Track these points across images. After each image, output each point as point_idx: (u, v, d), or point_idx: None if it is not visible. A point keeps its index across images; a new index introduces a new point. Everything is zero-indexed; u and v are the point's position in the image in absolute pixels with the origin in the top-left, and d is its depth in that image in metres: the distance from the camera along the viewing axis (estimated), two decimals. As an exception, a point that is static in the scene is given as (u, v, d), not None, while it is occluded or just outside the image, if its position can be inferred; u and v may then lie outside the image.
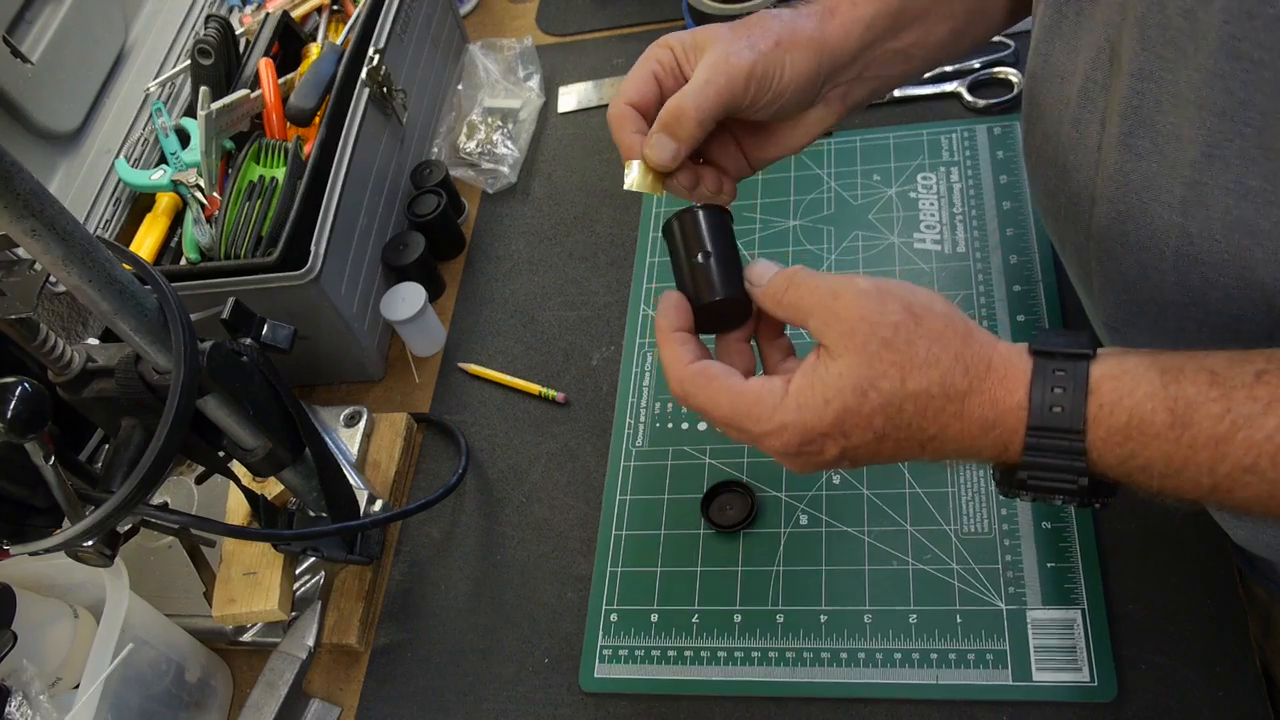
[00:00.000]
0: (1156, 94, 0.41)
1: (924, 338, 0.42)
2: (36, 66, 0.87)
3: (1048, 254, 0.76)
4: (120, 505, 0.52)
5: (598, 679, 0.66)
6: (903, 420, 0.42)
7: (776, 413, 0.44)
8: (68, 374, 0.54)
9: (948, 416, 0.42)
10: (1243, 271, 0.41)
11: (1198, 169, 0.40)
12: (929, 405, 0.42)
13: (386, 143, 0.89)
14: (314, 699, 0.71)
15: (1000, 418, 0.41)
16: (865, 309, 0.43)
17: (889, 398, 0.42)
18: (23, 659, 0.63)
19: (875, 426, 0.42)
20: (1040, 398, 0.40)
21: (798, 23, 0.51)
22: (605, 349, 0.83)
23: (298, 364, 0.84)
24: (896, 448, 0.43)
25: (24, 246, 0.46)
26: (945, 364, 0.42)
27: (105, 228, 0.85)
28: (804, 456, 0.44)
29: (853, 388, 0.42)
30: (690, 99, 0.48)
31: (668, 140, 0.49)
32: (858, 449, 0.43)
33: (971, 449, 0.42)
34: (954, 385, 0.41)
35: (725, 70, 0.48)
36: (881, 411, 0.42)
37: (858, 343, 0.42)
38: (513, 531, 0.75)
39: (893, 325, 0.42)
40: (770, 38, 0.50)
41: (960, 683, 0.60)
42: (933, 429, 0.42)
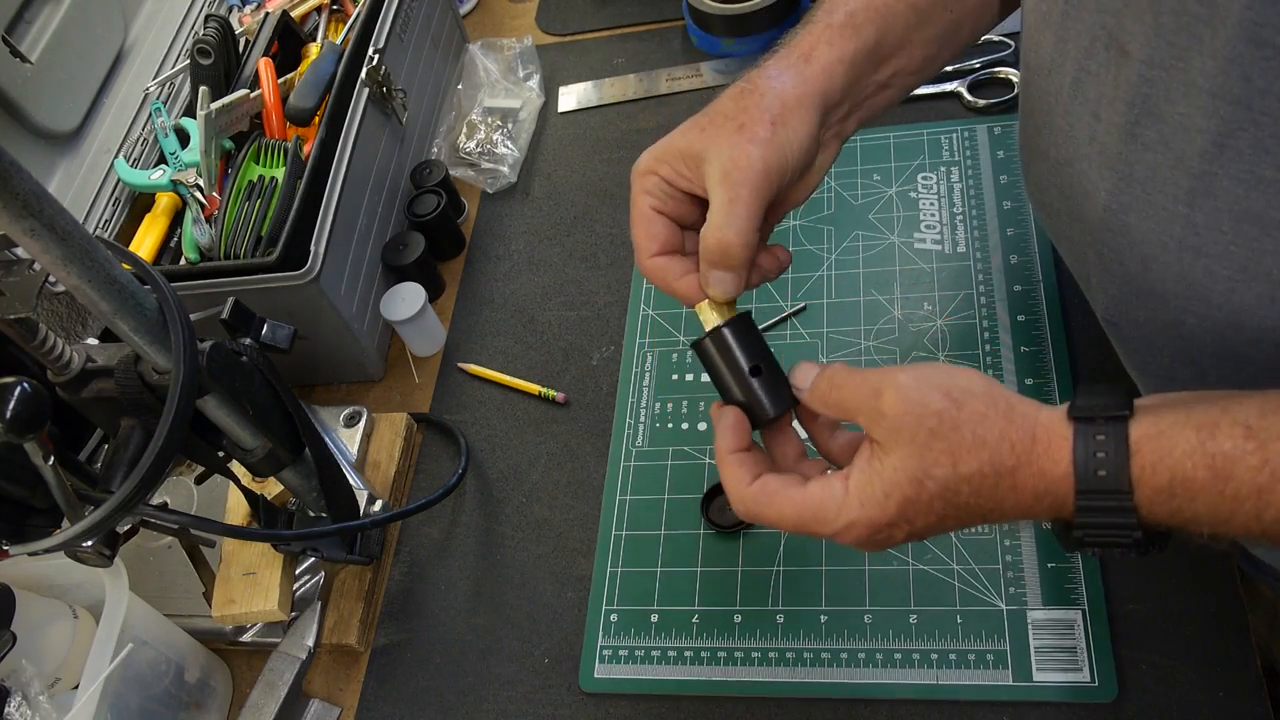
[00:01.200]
0: (1167, 82, 0.40)
1: (968, 422, 0.43)
2: (36, 66, 0.87)
3: (1048, 254, 0.76)
4: (120, 505, 0.52)
5: (598, 679, 0.66)
6: (960, 501, 0.44)
7: (842, 513, 0.45)
8: (67, 374, 0.54)
9: (1002, 492, 0.43)
10: (1248, 264, 0.41)
11: (1207, 159, 0.40)
12: (983, 484, 0.43)
13: (386, 143, 0.89)
14: (314, 699, 0.71)
15: (1050, 487, 0.42)
16: (908, 403, 0.44)
17: (944, 484, 0.43)
18: (22, 659, 0.63)
19: (936, 510, 0.44)
20: (1085, 465, 0.41)
21: (781, 86, 0.50)
22: (605, 349, 0.83)
23: (298, 364, 0.84)
24: (959, 523, 0.45)
25: (23, 246, 0.46)
26: (992, 444, 0.43)
27: (105, 228, 0.85)
28: (874, 544, 0.46)
29: (909, 479, 0.43)
30: (729, 228, 0.48)
31: (725, 274, 0.49)
32: (923, 531, 0.45)
33: (1030, 515, 0.44)
34: (1003, 463, 0.43)
35: (742, 180, 0.47)
36: (940, 497, 0.43)
37: (906, 436, 0.44)
38: (513, 531, 0.75)
39: (936, 414, 0.43)
40: (764, 119, 0.49)
41: (960, 683, 0.60)
42: (989, 505, 0.43)
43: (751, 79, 0.51)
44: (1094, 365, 0.70)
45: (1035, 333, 0.72)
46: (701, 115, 0.51)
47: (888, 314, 0.77)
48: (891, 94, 0.57)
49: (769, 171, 0.48)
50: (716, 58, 1.00)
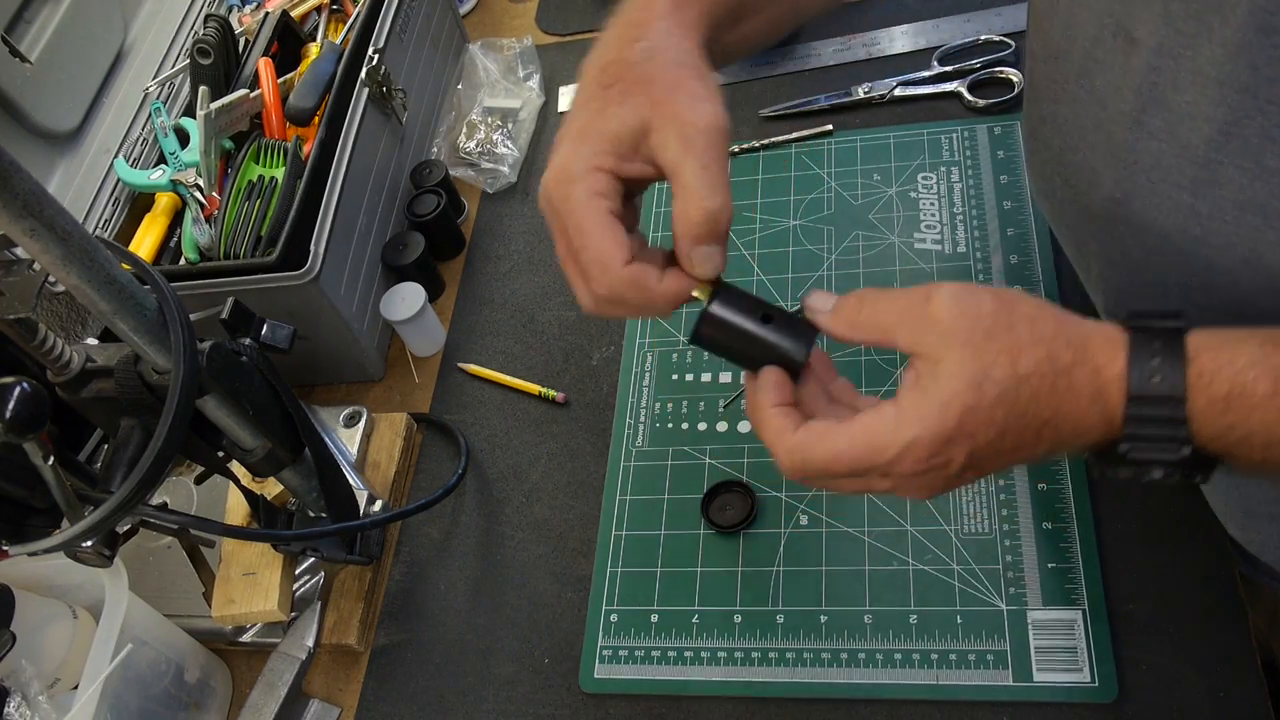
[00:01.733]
0: (1175, 71, 0.40)
1: (1023, 320, 0.41)
2: (35, 66, 0.87)
3: (1048, 254, 0.76)
4: (119, 505, 0.52)
5: (598, 679, 0.66)
6: (1020, 406, 0.41)
7: (899, 433, 0.42)
8: (67, 374, 0.54)
9: (1060, 393, 0.41)
10: (1251, 254, 0.41)
11: (1213, 147, 0.40)
12: (1041, 385, 0.41)
13: (386, 142, 0.89)
14: (314, 699, 0.71)
15: (1103, 388, 0.40)
16: (960, 304, 0.42)
17: (1004, 385, 0.40)
18: (21, 659, 0.63)
19: (997, 420, 0.41)
20: (1139, 368, 0.39)
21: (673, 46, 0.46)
22: (605, 349, 0.83)
23: (298, 364, 0.84)
24: (1017, 440, 0.42)
25: (23, 246, 0.46)
26: (1048, 340, 0.41)
27: (104, 227, 0.85)
28: (933, 473, 0.42)
29: (967, 384, 0.41)
30: (713, 197, 0.43)
31: (713, 249, 0.44)
32: (983, 451, 0.42)
33: (1084, 426, 0.41)
34: (1060, 359, 0.41)
35: (708, 142, 0.43)
36: (1000, 401, 0.41)
37: (960, 339, 0.41)
38: (513, 531, 0.75)
39: (991, 314, 0.41)
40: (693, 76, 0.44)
41: (961, 683, 0.60)
42: (1047, 411, 0.41)
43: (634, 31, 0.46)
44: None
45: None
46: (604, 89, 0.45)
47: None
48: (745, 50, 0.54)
49: (724, 128, 0.44)
50: (716, 58, 1.00)
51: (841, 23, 0.98)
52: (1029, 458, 0.43)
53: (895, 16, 0.96)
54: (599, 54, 0.46)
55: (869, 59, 0.94)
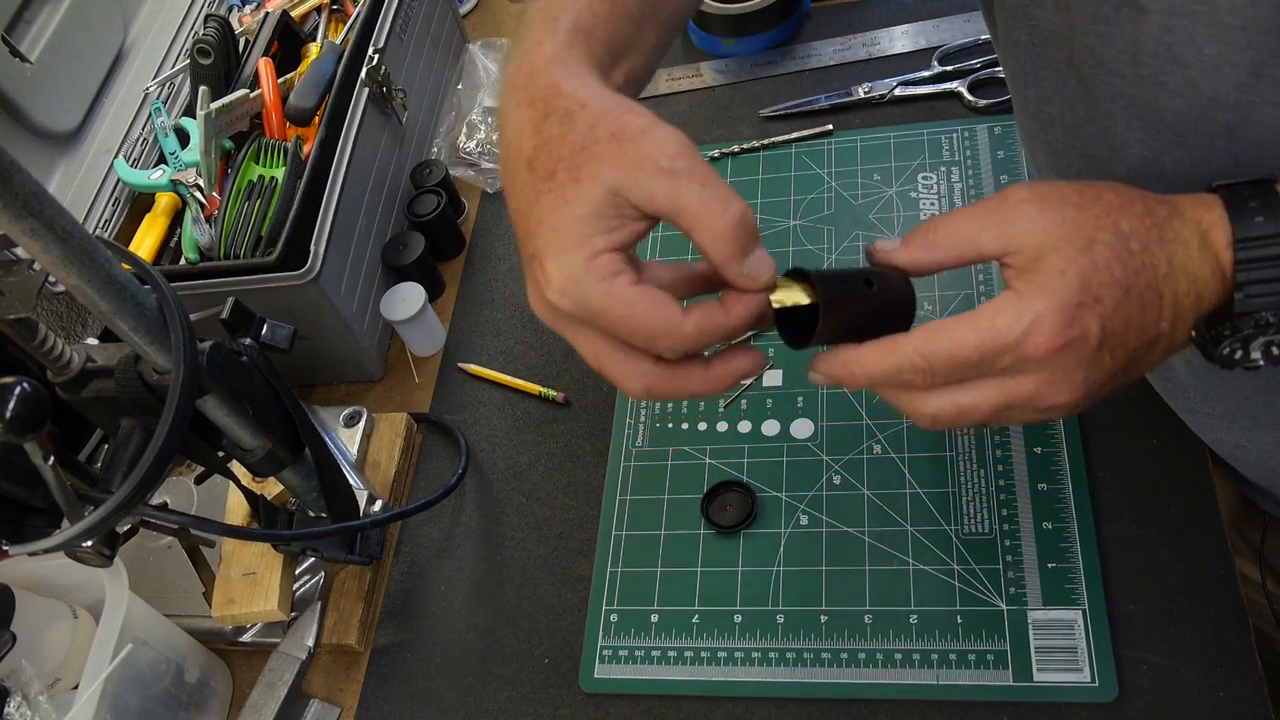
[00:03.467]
0: (1191, 29, 0.41)
1: (1106, 189, 0.41)
2: (35, 66, 0.87)
3: (1048, 254, 0.76)
4: (120, 505, 0.52)
5: (598, 679, 0.66)
6: (1136, 262, 0.39)
7: (1023, 308, 0.39)
8: (67, 374, 0.54)
9: (1169, 242, 0.40)
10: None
11: (1244, 90, 0.40)
12: (1150, 236, 0.40)
13: (386, 142, 0.89)
14: (314, 699, 0.71)
15: (1207, 233, 0.40)
16: (1039, 192, 0.41)
17: (1113, 243, 0.39)
18: (22, 659, 0.63)
19: (1118, 277, 0.39)
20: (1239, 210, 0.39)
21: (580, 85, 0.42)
22: (605, 349, 0.83)
23: (298, 364, 0.84)
24: (1143, 304, 0.40)
25: (23, 246, 0.46)
26: (1139, 200, 0.40)
27: (104, 227, 0.85)
28: (1071, 351, 0.39)
29: (1079, 249, 0.39)
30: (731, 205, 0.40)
31: (759, 251, 0.42)
32: (1113, 318, 0.40)
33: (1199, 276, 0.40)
34: (1157, 212, 0.40)
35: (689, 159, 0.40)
36: (1115, 259, 0.39)
37: (1053, 220, 0.40)
38: (513, 531, 0.75)
39: (1075, 189, 0.41)
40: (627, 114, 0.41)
41: (961, 683, 0.60)
42: (1163, 263, 0.40)
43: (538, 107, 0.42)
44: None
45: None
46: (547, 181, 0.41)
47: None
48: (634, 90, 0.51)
49: (686, 141, 0.41)
50: (716, 58, 1.00)
51: (841, 23, 0.98)
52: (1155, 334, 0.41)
53: (895, 16, 0.96)
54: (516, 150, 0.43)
55: (869, 59, 0.94)
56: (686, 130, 0.51)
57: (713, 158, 0.90)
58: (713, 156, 0.90)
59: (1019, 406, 0.41)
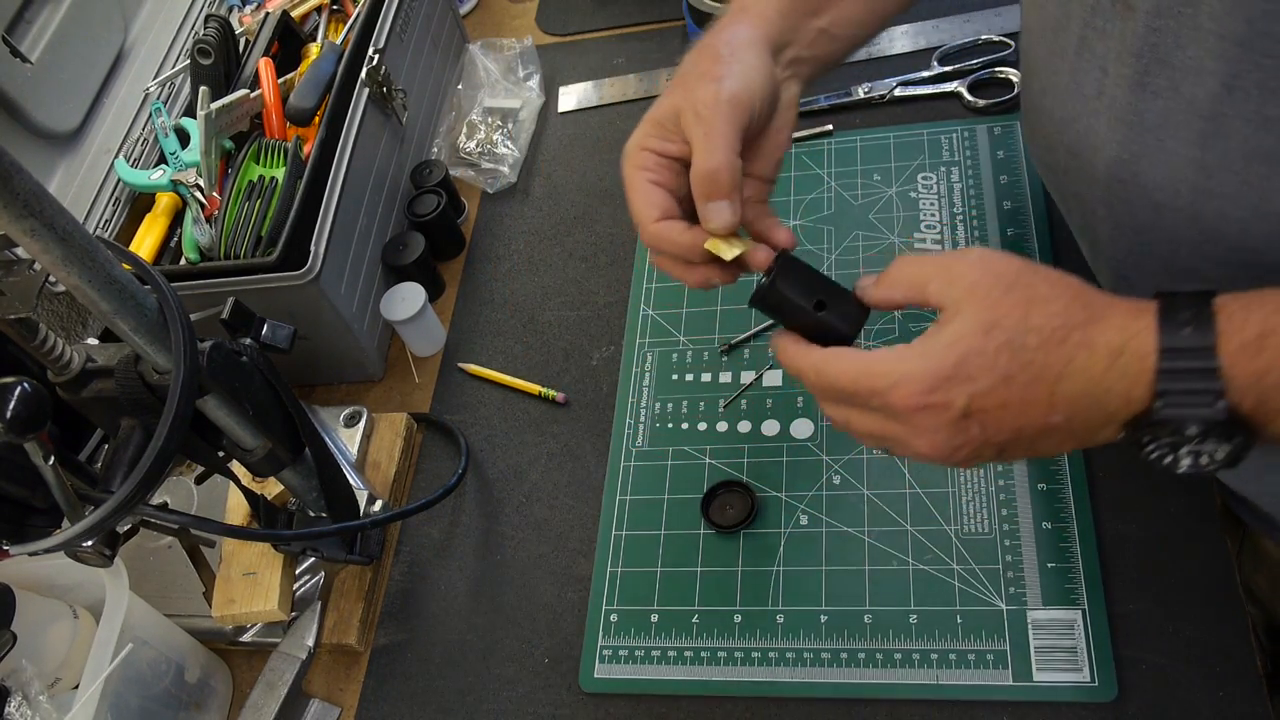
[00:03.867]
0: (1176, 30, 0.41)
1: (1044, 281, 0.43)
2: (36, 66, 0.87)
3: (1048, 254, 0.76)
4: (120, 505, 0.52)
5: (598, 679, 0.66)
6: (1027, 356, 0.41)
7: (900, 363, 0.44)
8: (67, 374, 0.54)
9: (1073, 346, 0.41)
10: (1259, 203, 0.42)
11: (1217, 100, 0.41)
12: (1054, 336, 0.41)
13: (386, 143, 0.89)
14: (314, 699, 0.71)
15: (1128, 342, 0.40)
16: (987, 262, 0.44)
17: (1012, 333, 0.42)
18: (22, 659, 0.63)
19: (1000, 366, 0.42)
20: (1170, 321, 0.40)
21: (727, 34, 0.52)
22: (605, 349, 0.83)
23: (298, 364, 0.84)
24: (1025, 395, 0.42)
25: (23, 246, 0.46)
26: (1066, 300, 0.42)
27: (105, 228, 0.85)
28: (932, 413, 0.43)
29: (976, 328, 0.42)
30: (710, 157, 0.48)
31: (721, 204, 0.49)
32: (985, 398, 0.42)
33: (1101, 387, 0.41)
34: (1076, 315, 0.42)
35: (711, 113, 0.48)
36: (1006, 348, 0.42)
37: (982, 292, 0.43)
38: (513, 531, 0.75)
39: (1015, 271, 0.43)
40: (718, 63, 0.50)
41: (960, 683, 0.60)
42: (1059, 364, 0.41)
43: (701, 40, 0.54)
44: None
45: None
46: (668, 86, 0.53)
47: (888, 313, 0.77)
48: (834, 46, 0.57)
49: (734, 99, 0.49)
50: (716, 58, 1.00)
51: (841, 23, 0.98)
52: (1044, 424, 0.42)
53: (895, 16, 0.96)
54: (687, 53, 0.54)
55: (869, 59, 0.94)
56: None
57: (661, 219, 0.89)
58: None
59: (892, 442, 0.46)
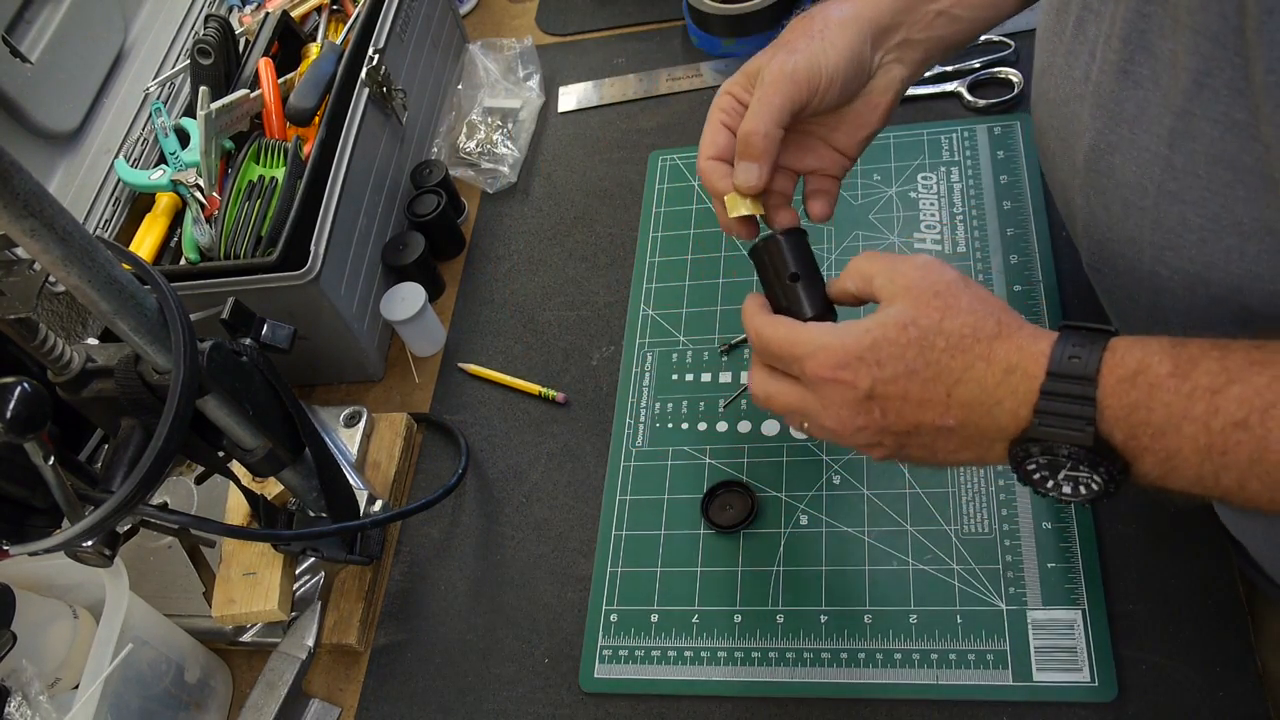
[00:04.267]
0: (1161, 16, 0.41)
1: (969, 294, 0.46)
2: (36, 66, 0.87)
3: (1048, 254, 0.76)
4: (120, 505, 0.52)
5: (598, 679, 0.66)
6: (933, 356, 0.45)
7: (819, 336, 0.48)
8: (67, 374, 0.54)
9: (974, 356, 0.45)
10: (1220, 212, 0.42)
11: (1188, 98, 0.40)
12: (960, 343, 0.45)
13: (386, 143, 0.89)
14: (314, 699, 0.71)
15: (1022, 362, 0.44)
16: (927, 269, 0.47)
17: (924, 332, 0.45)
18: (22, 659, 0.63)
19: (908, 359, 0.45)
20: (1061, 349, 0.43)
21: (829, 9, 0.56)
22: (605, 349, 0.83)
23: (298, 364, 0.84)
24: (924, 391, 0.45)
25: (23, 246, 0.46)
26: (982, 314, 0.45)
27: (105, 228, 0.85)
28: (838, 389, 0.47)
29: (894, 322, 0.46)
30: (751, 120, 0.53)
31: (748, 164, 0.54)
32: (888, 385, 0.46)
33: (992, 398, 0.44)
34: (985, 329, 0.45)
35: (773, 83, 0.53)
36: (916, 344, 0.45)
37: (913, 292, 0.47)
38: (513, 531, 0.75)
39: (948, 281, 0.47)
40: (803, 36, 0.54)
41: (960, 683, 0.60)
42: (959, 369, 0.45)
43: (811, 8, 0.57)
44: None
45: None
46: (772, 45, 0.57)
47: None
48: (956, 28, 0.58)
49: (795, 75, 0.53)
50: (716, 58, 1.00)
51: (841, 23, 0.98)
52: (939, 424, 0.46)
53: None
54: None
55: (869, 59, 0.94)
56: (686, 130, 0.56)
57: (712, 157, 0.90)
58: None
59: (803, 414, 0.50)
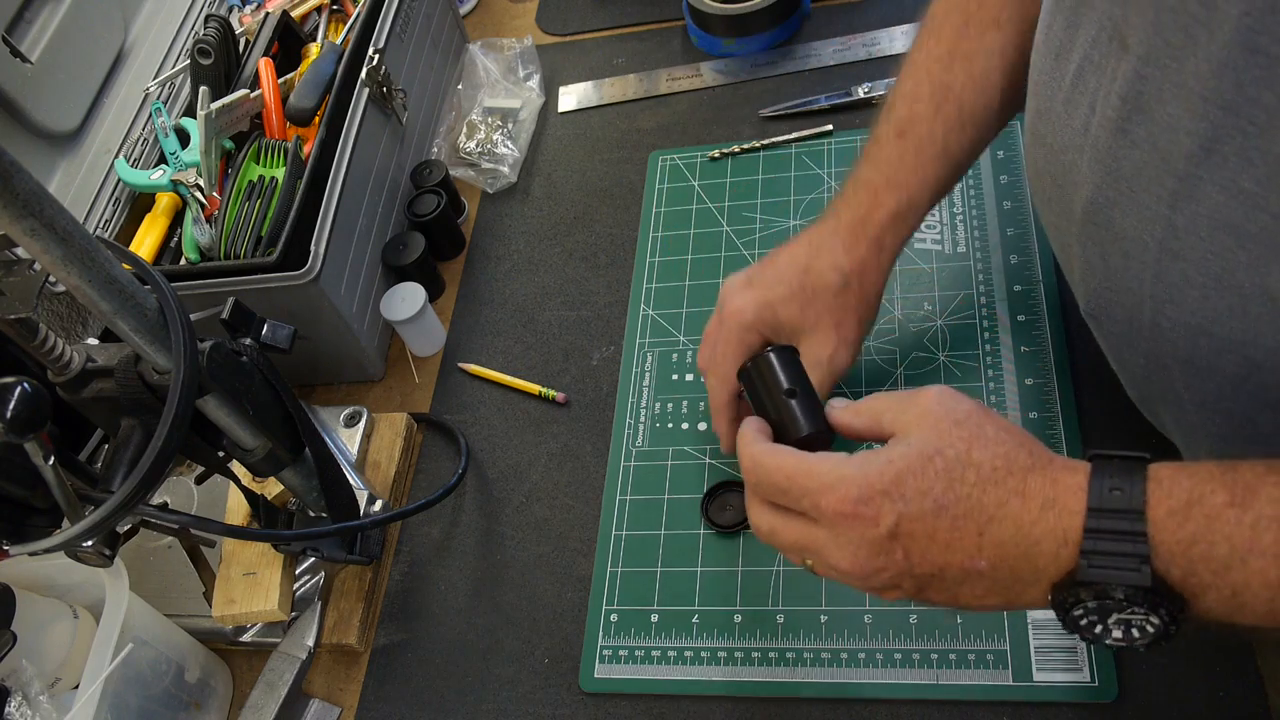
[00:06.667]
0: (1161, 81, 0.40)
1: (993, 424, 0.44)
2: (36, 66, 0.87)
3: (1048, 254, 0.76)
4: (120, 505, 0.52)
5: (598, 679, 0.66)
6: (963, 490, 0.42)
7: (837, 469, 0.45)
8: (67, 374, 0.54)
9: (1008, 491, 0.42)
10: (1222, 274, 0.41)
11: (1193, 162, 0.40)
12: (991, 475, 0.42)
13: (386, 143, 0.89)
14: (314, 699, 0.71)
15: (1059, 496, 0.41)
16: (942, 399, 0.45)
17: (952, 463, 0.43)
18: (22, 659, 0.63)
19: (935, 493, 0.42)
20: (1100, 481, 0.41)
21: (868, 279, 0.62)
22: (605, 349, 0.83)
23: (298, 364, 0.84)
24: (953, 530, 0.42)
25: (23, 246, 0.46)
26: (1010, 444, 0.43)
27: (105, 228, 0.85)
28: (858, 525, 0.44)
29: (918, 453, 0.43)
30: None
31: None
32: (915, 522, 0.43)
33: (1031, 536, 0.41)
34: (1018, 461, 0.43)
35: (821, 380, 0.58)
36: (944, 476, 0.43)
37: (932, 421, 0.44)
38: (513, 531, 0.75)
39: (966, 411, 0.45)
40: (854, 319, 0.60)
41: (960, 683, 0.60)
42: (992, 505, 0.42)
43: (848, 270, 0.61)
44: (1094, 365, 0.70)
45: (1035, 333, 0.72)
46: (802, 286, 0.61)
47: (888, 314, 0.77)
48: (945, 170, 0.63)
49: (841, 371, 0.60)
50: (716, 58, 1.00)
51: (841, 23, 0.99)
52: (968, 567, 0.43)
53: (895, 16, 0.97)
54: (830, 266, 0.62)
55: (869, 59, 0.94)
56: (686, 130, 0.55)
57: (712, 158, 0.90)
58: (712, 157, 0.90)
59: (811, 552, 0.47)
